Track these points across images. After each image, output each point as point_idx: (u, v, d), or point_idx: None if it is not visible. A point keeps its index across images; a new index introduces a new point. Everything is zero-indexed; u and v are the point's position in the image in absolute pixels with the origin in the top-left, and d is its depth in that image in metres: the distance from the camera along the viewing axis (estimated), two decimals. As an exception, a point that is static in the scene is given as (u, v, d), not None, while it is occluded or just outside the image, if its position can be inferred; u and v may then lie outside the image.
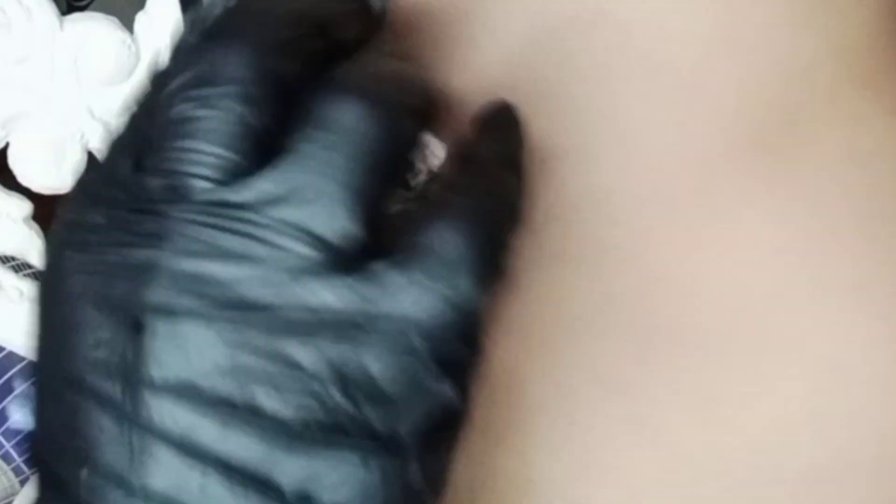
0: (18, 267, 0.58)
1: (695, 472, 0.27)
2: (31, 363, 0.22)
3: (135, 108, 0.22)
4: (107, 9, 0.44)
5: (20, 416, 0.74)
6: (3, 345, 0.46)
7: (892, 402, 0.27)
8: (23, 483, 0.74)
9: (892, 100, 0.28)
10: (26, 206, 0.43)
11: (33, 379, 0.22)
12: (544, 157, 0.27)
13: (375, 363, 0.19)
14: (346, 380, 0.19)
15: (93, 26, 0.41)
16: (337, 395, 0.19)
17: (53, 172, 0.42)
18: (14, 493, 0.74)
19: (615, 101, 0.27)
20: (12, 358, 0.71)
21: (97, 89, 0.42)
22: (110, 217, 0.21)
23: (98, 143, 0.43)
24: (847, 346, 0.27)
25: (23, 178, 0.42)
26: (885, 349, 0.27)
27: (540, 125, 0.27)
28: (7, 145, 0.42)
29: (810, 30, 0.27)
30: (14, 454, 0.74)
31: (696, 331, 0.27)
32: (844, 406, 0.27)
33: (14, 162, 0.42)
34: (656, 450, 0.27)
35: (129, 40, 0.42)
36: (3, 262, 0.46)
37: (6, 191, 0.43)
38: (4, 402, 0.74)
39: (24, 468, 0.74)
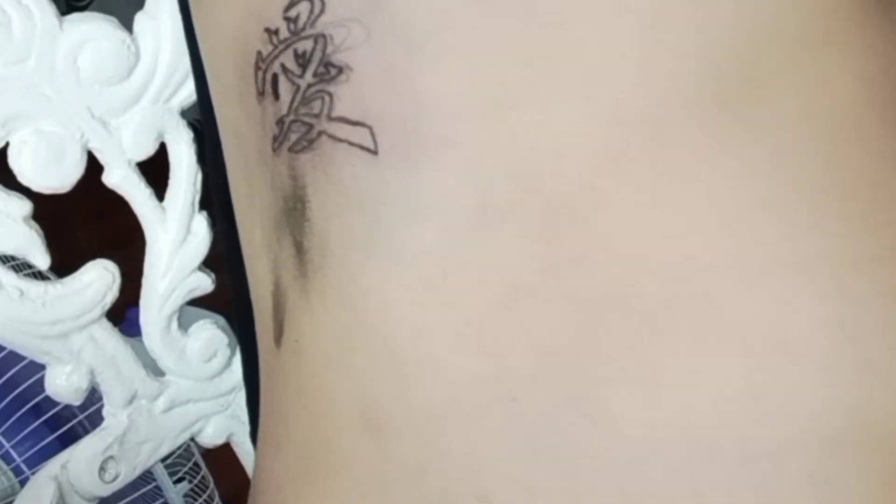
0: (18, 267, 0.58)
1: (634, 452, 0.27)
2: (30, 363, 0.22)
3: None
4: (107, 9, 0.44)
5: (20, 417, 0.74)
6: (4, 344, 0.46)
7: (830, 382, 0.27)
8: (23, 483, 0.74)
9: (857, 61, 0.27)
10: (26, 206, 0.43)
11: (33, 379, 0.23)
12: (498, 107, 0.26)
13: None
14: None
15: (93, 26, 0.41)
16: None
17: (53, 172, 0.42)
18: (14, 493, 0.74)
19: (577, 43, 0.26)
20: (12, 358, 0.71)
21: (97, 89, 0.42)
22: None
23: (98, 143, 0.43)
24: (790, 325, 0.26)
25: (23, 178, 0.42)
26: (826, 330, 0.27)
27: (498, 69, 0.26)
28: (7, 145, 0.42)
29: None
30: (14, 454, 0.74)
31: (642, 301, 0.26)
32: (784, 385, 0.26)
33: (14, 162, 0.42)
34: (597, 428, 0.26)
35: (129, 40, 0.42)
36: (3, 262, 0.46)
37: (6, 190, 0.43)
38: (4, 402, 0.73)
39: (24, 468, 0.74)
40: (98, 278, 0.46)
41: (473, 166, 0.27)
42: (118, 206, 0.47)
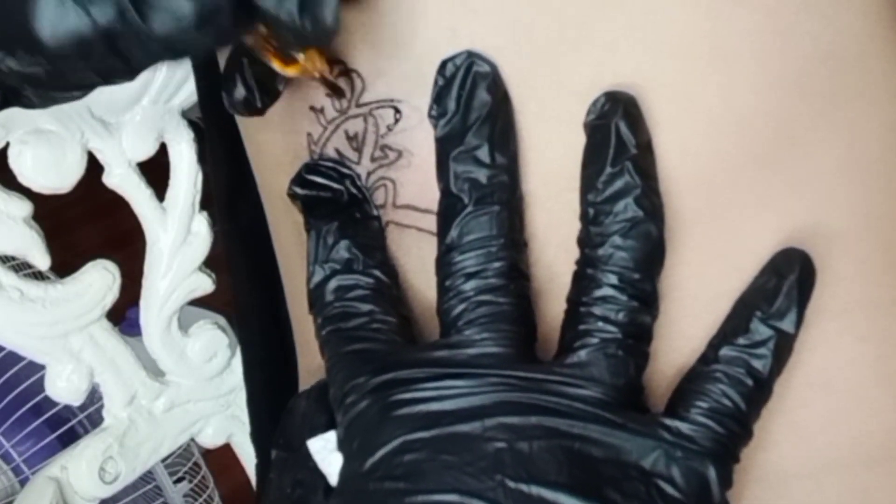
0: (18, 267, 0.58)
1: None
2: (30, 363, 0.22)
3: None
4: (107, 9, 0.44)
5: (20, 416, 0.74)
6: (4, 344, 0.46)
7: (866, 410, 0.28)
8: (23, 483, 0.74)
9: (884, 112, 0.28)
10: (26, 206, 0.43)
11: (33, 379, 0.23)
12: (549, 181, 0.27)
13: (681, 482, 0.25)
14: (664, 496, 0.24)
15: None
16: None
17: (54, 172, 0.42)
18: (14, 493, 0.74)
19: None
20: (12, 358, 0.71)
21: (97, 89, 0.42)
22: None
23: (98, 143, 0.43)
24: (830, 365, 0.28)
25: (23, 178, 0.42)
26: (864, 366, 0.28)
27: (539, 145, 0.27)
28: (7, 145, 0.42)
29: (794, 37, 0.27)
30: (14, 454, 0.74)
31: (695, 346, 0.27)
32: (824, 416, 0.28)
33: (14, 162, 0.42)
34: None
35: (129, 40, 0.42)
36: (3, 262, 0.46)
37: (6, 191, 0.43)
38: (4, 402, 0.73)
39: (24, 468, 0.74)
40: (98, 279, 0.46)
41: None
42: (118, 206, 0.47)
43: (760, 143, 0.27)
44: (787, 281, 0.26)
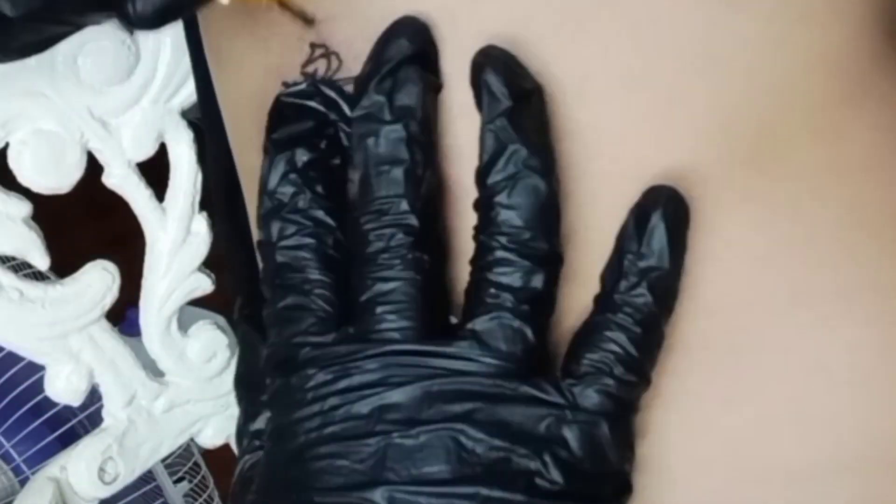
0: (18, 267, 0.58)
1: (672, 475, 0.28)
2: (30, 363, 0.22)
3: None
4: (107, 9, 0.44)
5: (20, 417, 0.74)
6: (3, 345, 0.46)
7: (875, 403, 0.28)
8: (23, 483, 0.74)
9: (873, 116, 0.29)
10: (26, 207, 0.43)
11: (33, 379, 0.23)
12: None
13: (575, 444, 0.24)
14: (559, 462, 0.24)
15: (93, 26, 0.41)
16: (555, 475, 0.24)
17: (53, 172, 0.42)
18: (14, 493, 0.74)
19: (594, 113, 0.27)
20: (12, 358, 0.71)
21: (97, 89, 0.42)
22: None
23: (98, 143, 0.43)
24: (830, 349, 0.28)
25: (23, 178, 0.42)
26: (868, 352, 0.28)
27: None
28: (7, 145, 0.42)
29: (788, 46, 0.27)
30: (14, 454, 0.74)
31: (678, 337, 0.27)
32: (828, 407, 0.28)
33: (14, 162, 0.42)
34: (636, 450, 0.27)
35: (129, 40, 0.42)
36: (3, 262, 0.46)
37: (6, 191, 0.43)
38: (4, 402, 0.74)
39: (24, 468, 0.74)
40: (98, 279, 0.46)
41: None
42: (118, 206, 0.47)
43: (742, 144, 0.27)
44: (652, 217, 0.25)
